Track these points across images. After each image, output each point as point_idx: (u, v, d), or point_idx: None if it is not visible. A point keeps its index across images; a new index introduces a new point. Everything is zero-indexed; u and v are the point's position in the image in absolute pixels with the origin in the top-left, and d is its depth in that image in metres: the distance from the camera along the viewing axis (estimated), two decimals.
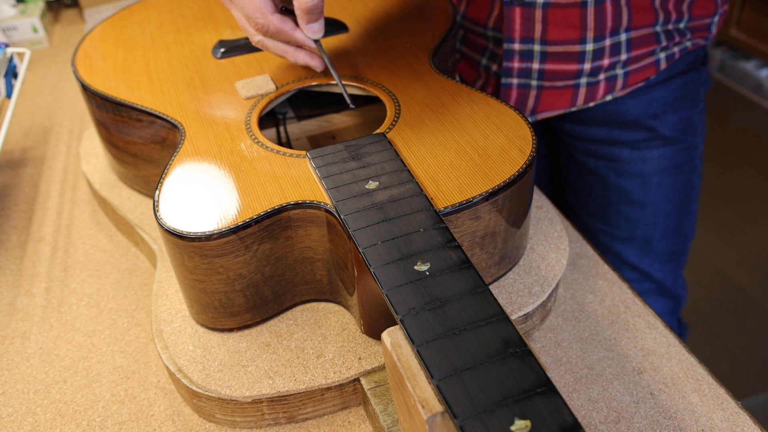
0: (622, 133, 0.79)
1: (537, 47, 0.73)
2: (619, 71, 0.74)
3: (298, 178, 0.48)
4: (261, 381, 0.46)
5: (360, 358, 0.47)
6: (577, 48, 0.72)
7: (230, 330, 0.49)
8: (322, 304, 0.52)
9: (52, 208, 0.72)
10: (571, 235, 0.63)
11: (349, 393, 0.47)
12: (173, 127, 0.56)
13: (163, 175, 0.50)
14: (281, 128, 0.65)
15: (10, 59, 0.76)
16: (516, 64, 0.75)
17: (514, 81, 0.76)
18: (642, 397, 0.48)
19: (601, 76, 0.74)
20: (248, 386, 0.45)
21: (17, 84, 0.76)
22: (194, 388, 0.46)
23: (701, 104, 0.81)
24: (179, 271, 0.47)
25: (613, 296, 0.56)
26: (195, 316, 0.50)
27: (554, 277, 0.52)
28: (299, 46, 0.55)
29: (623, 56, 0.73)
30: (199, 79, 0.62)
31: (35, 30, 1.09)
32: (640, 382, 0.49)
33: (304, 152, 0.50)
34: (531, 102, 0.77)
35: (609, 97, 0.75)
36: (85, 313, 0.58)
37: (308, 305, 0.52)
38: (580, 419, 0.45)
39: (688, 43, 0.76)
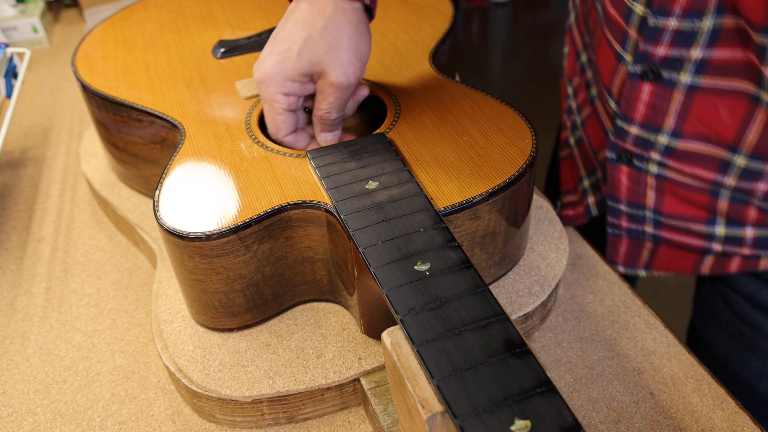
0: None
1: (649, 214, 0.58)
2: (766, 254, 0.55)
3: (298, 178, 0.48)
4: (261, 381, 0.46)
5: (360, 358, 0.47)
6: (703, 228, 0.55)
7: (230, 330, 0.49)
8: (322, 304, 0.52)
9: (52, 208, 0.72)
10: (571, 235, 0.63)
11: (349, 393, 0.47)
12: (173, 127, 0.56)
13: (163, 175, 0.50)
14: None
15: (10, 59, 0.76)
16: (624, 224, 0.60)
17: (623, 233, 0.61)
18: (642, 397, 0.48)
19: (737, 256, 0.56)
20: (248, 386, 0.45)
21: (17, 84, 0.76)
22: (194, 388, 0.46)
23: None
24: (179, 271, 0.47)
25: (613, 296, 0.56)
26: (195, 316, 0.50)
27: (554, 277, 0.52)
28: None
29: None
30: (199, 79, 0.62)
31: (35, 30, 1.09)
32: (640, 382, 0.49)
33: (304, 152, 0.50)
34: (645, 255, 0.61)
35: (747, 271, 0.57)
36: (85, 313, 0.58)
37: (308, 305, 0.52)
38: (580, 419, 0.45)
39: None
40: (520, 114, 0.53)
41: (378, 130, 0.53)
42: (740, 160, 0.49)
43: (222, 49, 0.66)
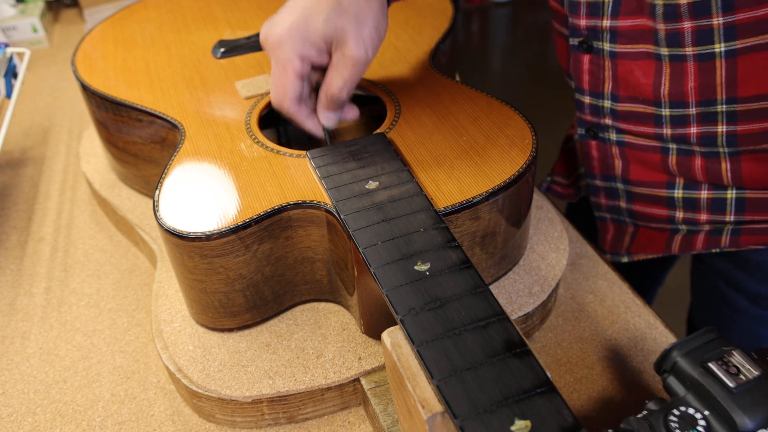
0: (743, 277, 0.62)
1: (620, 185, 0.62)
2: (726, 229, 0.59)
3: (298, 178, 0.48)
4: (261, 381, 0.46)
5: (360, 358, 0.47)
6: (664, 192, 0.60)
7: (230, 330, 0.49)
8: (322, 304, 0.52)
9: (52, 208, 0.72)
10: (571, 235, 0.63)
11: (349, 393, 0.47)
12: (173, 126, 0.56)
13: (163, 175, 0.50)
14: (281, 128, 0.65)
15: (10, 59, 0.76)
16: (603, 201, 0.65)
17: (607, 215, 0.66)
18: (642, 397, 0.48)
19: (701, 229, 0.61)
20: (248, 386, 0.45)
21: (17, 84, 0.76)
22: (194, 388, 0.46)
23: None
24: (179, 271, 0.47)
25: (613, 296, 0.56)
26: (195, 316, 0.50)
27: (554, 277, 0.52)
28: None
29: (729, 217, 0.58)
30: (199, 78, 0.62)
31: (35, 30, 1.09)
32: (640, 382, 0.49)
33: (304, 152, 0.50)
34: (627, 240, 0.65)
35: (715, 250, 0.61)
36: (85, 313, 0.58)
37: (308, 305, 0.52)
38: (580, 419, 0.45)
39: None
40: (520, 114, 0.53)
41: (378, 130, 0.53)
42: (665, 111, 0.54)
43: (222, 49, 0.66)
